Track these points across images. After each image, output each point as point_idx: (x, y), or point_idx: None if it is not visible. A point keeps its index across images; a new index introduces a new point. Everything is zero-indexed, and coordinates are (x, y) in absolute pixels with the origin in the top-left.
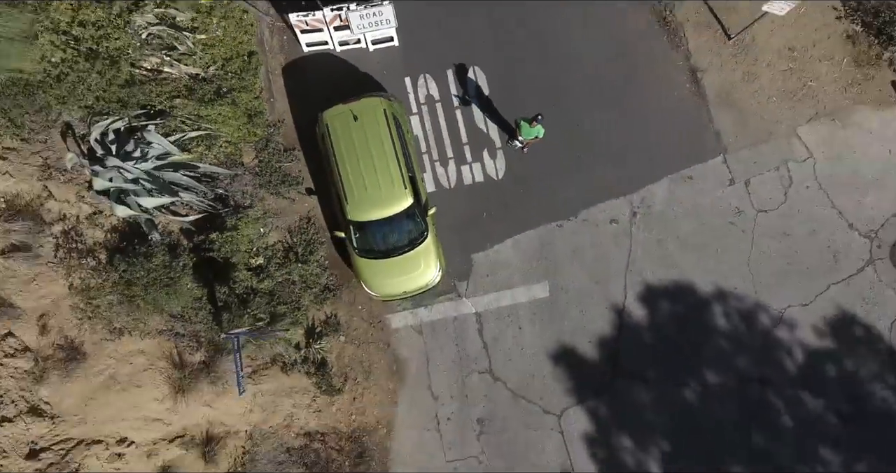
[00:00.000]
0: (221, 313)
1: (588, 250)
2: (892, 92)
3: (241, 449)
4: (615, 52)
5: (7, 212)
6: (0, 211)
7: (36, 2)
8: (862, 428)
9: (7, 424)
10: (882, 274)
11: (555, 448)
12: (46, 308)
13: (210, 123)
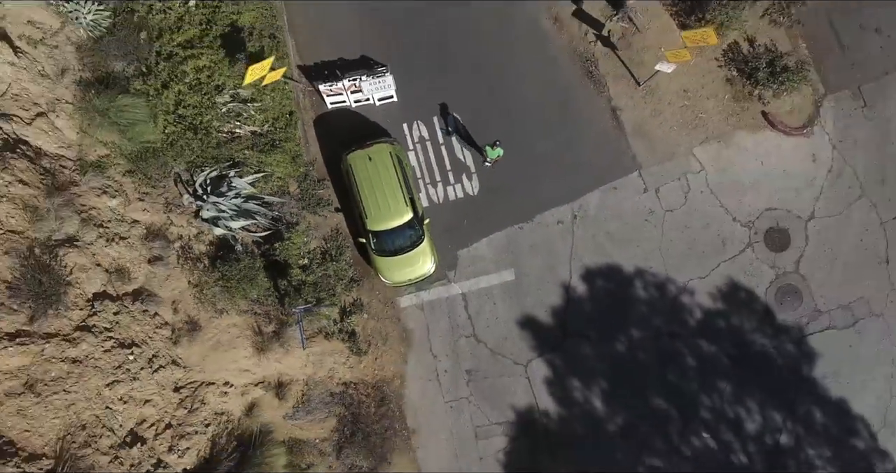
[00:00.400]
0: (283, 298)
1: (542, 245)
2: (762, 120)
3: (300, 392)
4: (556, 98)
5: (149, 236)
6: (144, 235)
7: (153, 93)
8: (745, 367)
9: (161, 370)
10: (758, 254)
11: (523, 390)
12: (176, 297)
13: (268, 166)
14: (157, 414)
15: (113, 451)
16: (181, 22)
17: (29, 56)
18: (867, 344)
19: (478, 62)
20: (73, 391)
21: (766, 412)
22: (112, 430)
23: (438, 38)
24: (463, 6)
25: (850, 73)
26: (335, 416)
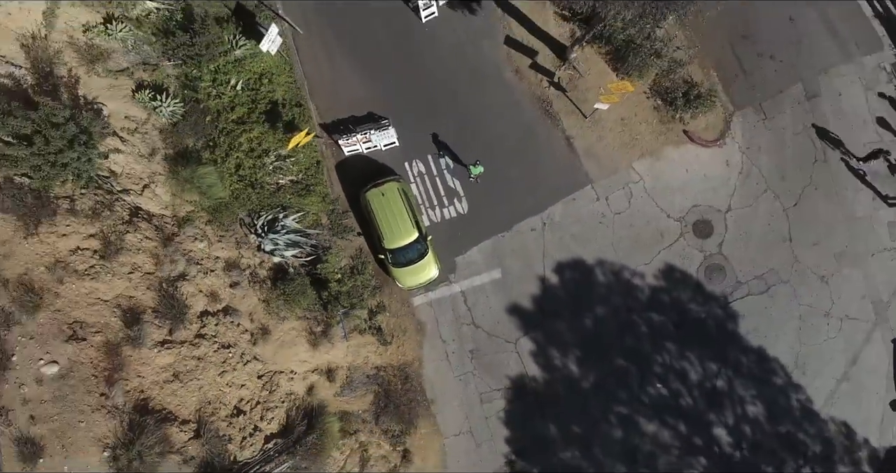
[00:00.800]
0: (326, 305)
1: (520, 248)
2: (684, 136)
3: (345, 375)
4: (522, 132)
5: (227, 267)
6: (224, 266)
7: (219, 161)
8: (686, 330)
9: (248, 363)
10: (689, 241)
11: (514, 362)
12: (251, 310)
13: (305, 206)
14: (250, 394)
15: (227, 420)
16: (233, 103)
17: (129, 143)
18: (778, 306)
19: (459, 109)
20: (200, 378)
21: (704, 363)
22: (225, 405)
23: (426, 94)
24: (444, 68)
25: (752, 93)
26: (372, 392)
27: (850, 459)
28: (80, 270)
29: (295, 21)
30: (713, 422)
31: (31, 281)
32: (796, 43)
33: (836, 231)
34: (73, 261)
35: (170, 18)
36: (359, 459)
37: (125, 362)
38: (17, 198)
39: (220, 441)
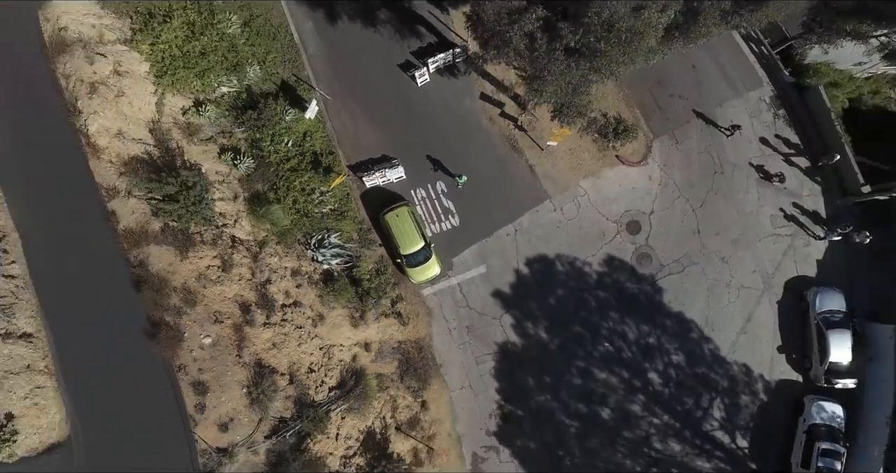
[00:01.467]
0: (361, 298)
1: (499, 249)
2: (616, 160)
3: (377, 347)
4: (497, 163)
5: (293, 274)
6: (291, 273)
7: (281, 199)
8: (624, 303)
9: (313, 340)
10: (623, 237)
11: (500, 333)
12: (311, 303)
13: (342, 227)
14: (316, 360)
15: (305, 375)
16: (287, 156)
17: (221, 191)
18: (691, 281)
19: (449, 148)
20: (287, 347)
21: (639, 326)
22: (303, 365)
23: (424, 138)
24: (436, 119)
25: (666, 124)
26: (396, 359)
27: (749, 390)
28: (212, 279)
29: (324, 91)
30: (647, 369)
31: (188, 287)
32: (697, 84)
33: (732, 223)
34: (208, 274)
35: (237, 97)
36: (391, 407)
37: (246, 336)
38: (173, 236)
39: (303, 387)
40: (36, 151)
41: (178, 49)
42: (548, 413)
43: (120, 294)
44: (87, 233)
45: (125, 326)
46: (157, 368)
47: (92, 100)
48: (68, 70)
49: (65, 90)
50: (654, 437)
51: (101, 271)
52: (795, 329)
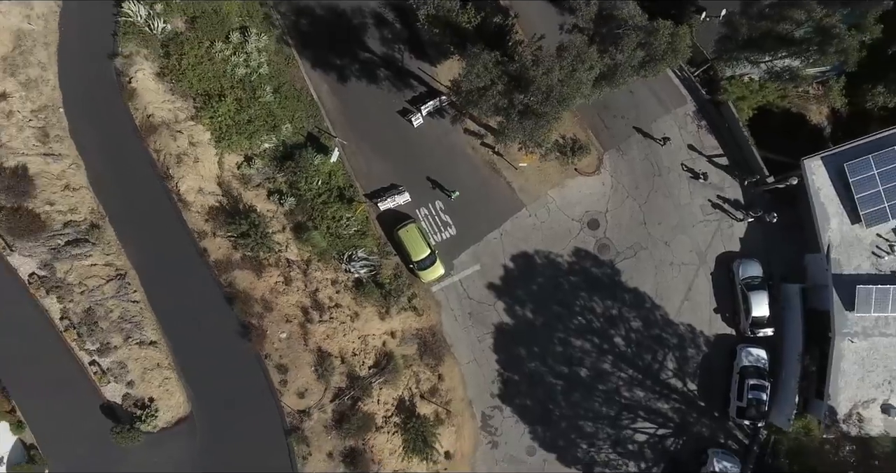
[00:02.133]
0: (386, 297)
1: (489, 250)
2: (575, 172)
3: (400, 335)
4: (480, 183)
5: (332, 283)
6: (331, 282)
7: (318, 226)
8: (591, 283)
9: (352, 332)
10: (586, 232)
11: (495, 316)
12: (349, 304)
13: (365, 244)
14: (357, 346)
15: (350, 357)
16: (319, 192)
17: (272, 224)
18: (642, 262)
19: (443, 174)
20: (336, 337)
21: (604, 302)
22: (349, 351)
23: (422, 167)
24: (430, 152)
25: (613, 140)
26: (416, 343)
27: (694, 344)
28: (280, 291)
29: (342, 137)
30: (613, 334)
31: (265, 298)
32: (636, 106)
33: (670, 214)
34: (276, 287)
35: (276, 150)
36: (415, 380)
37: (308, 331)
38: (249, 262)
39: (351, 366)
40: (141, 208)
41: (231, 119)
42: (538, 375)
43: (217, 307)
44: (187, 266)
45: (224, 330)
46: (250, 357)
47: (179, 168)
48: (158, 146)
49: (157, 161)
50: (622, 388)
51: (202, 292)
52: (726, 293)
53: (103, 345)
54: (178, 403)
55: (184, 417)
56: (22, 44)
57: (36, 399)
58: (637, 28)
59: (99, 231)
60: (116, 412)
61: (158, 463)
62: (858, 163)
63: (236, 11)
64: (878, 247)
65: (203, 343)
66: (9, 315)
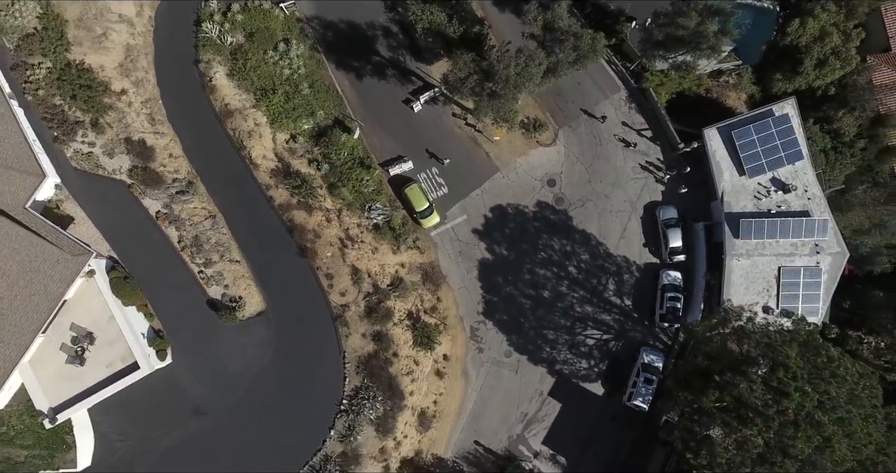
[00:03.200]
0: (396, 238)
1: (473, 204)
2: (536, 144)
3: (408, 266)
4: (465, 153)
5: (358, 226)
6: (357, 225)
7: (346, 187)
8: (550, 228)
9: (375, 261)
10: (546, 189)
11: (479, 253)
12: (369, 241)
13: (380, 199)
14: (379, 270)
15: (375, 277)
16: (345, 160)
17: (311, 180)
18: (588, 210)
19: (437, 147)
20: (363, 260)
21: (560, 241)
22: (373, 271)
23: (422, 142)
24: (427, 131)
25: (565, 119)
26: (420, 273)
27: (628, 271)
28: (324, 226)
29: (360, 120)
30: (568, 265)
31: (315, 230)
32: (582, 93)
33: (609, 174)
34: (322, 223)
35: (313, 130)
36: (420, 300)
37: (346, 253)
38: (303, 206)
39: (375, 280)
40: (223, 170)
41: (281, 107)
42: (512, 297)
43: (281, 236)
44: (258, 208)
45: (286, 251)
46: (306, 269)
47: (250, 140)
48: (234, 126)
49: (234, 137)
50: (575, 305)
51: (270, 226)
52: (651, 231)
53: (207, 260)
54: (257, 301)
55: (261, 311)
56: (130, 54)
57: (162, 297)
58: (571, 34)
59: (194, 186)
60: (216, 305)
61: (245, 343)
62: (743, 131)
63: (280, 27)
64: (758, 193)
65: (272, 260)
66: (144, 239)
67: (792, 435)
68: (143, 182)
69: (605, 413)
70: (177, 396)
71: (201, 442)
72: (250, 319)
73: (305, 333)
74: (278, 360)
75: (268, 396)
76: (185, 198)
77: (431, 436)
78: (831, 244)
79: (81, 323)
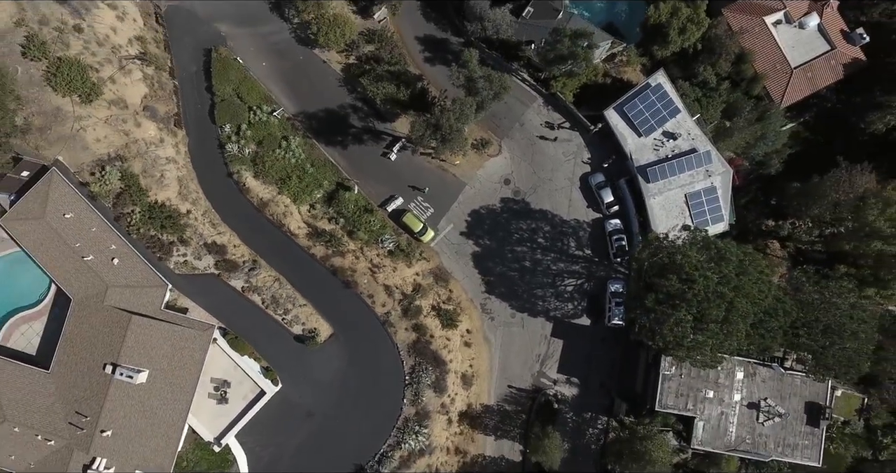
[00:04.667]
0: (406, 256)
1: (455, 215)
2: (487, 156)
3: (422, 274)
4: (438, 179)
5: (379, 255)
6: (380, 255)
7: (359, 229)
8: (515, 215)
9: (396, 276)
10: (505, 187)
11: (470, 249)
12: (389, 264)
13: (387, 231)
14: (401, 282)
15: (400, 286)
16: (353, 211)
17: (334, 233)
18: (539, 194)
19: (416, 180)
20: (390, 279)
21: (526, 221)
22: (398, 284)
23: (404, 181)
24: (405, 172)
25: (503, 132)
26: (431, 276)
27: (582, 228)
28: (356, 262)
29: (356, 179)
30: (536, 238)
31: (350, 267)
32: (510, 110)
33: (547, 163)
34: (353, 262)
35: (323, 196)
36: (436, 296)
37: (375, 277)
38: (336, 253)
39: (403, 289)
40: (270, 243)
41: (297, 187)
42: (503, 273)
43: (328, 278)
44: (304, 263)
45: (335, 288)
46: (352, 296)
47: (285, 219)
48: (270, 211)
49: (273, 220)
50: (551, 265)
51: (318, 274)
52: (589, 195)
53: (284, 310)
54: (327, 328)
55: (331, 334)
56: (182, 184)
57: (263, 343)
58: (485, 78)
59: (258, 262)
60: (301, 338)
61: (327, 359)
62: (631, 105)
63: (278, 129)
64: (655, 146)
65: (328, 297)
66: (239, 307)
67: (706, 308)
68: (225, 269)
69: (596, 337)
70: (291, 408)
71: (318, 435)
72: (326, 342)
73: (366, 340)
74: (353, 364)
75: (353, 390)
76: (255, 272)
77: (475, 391)
78: (717, 167)
79: (217, 375)
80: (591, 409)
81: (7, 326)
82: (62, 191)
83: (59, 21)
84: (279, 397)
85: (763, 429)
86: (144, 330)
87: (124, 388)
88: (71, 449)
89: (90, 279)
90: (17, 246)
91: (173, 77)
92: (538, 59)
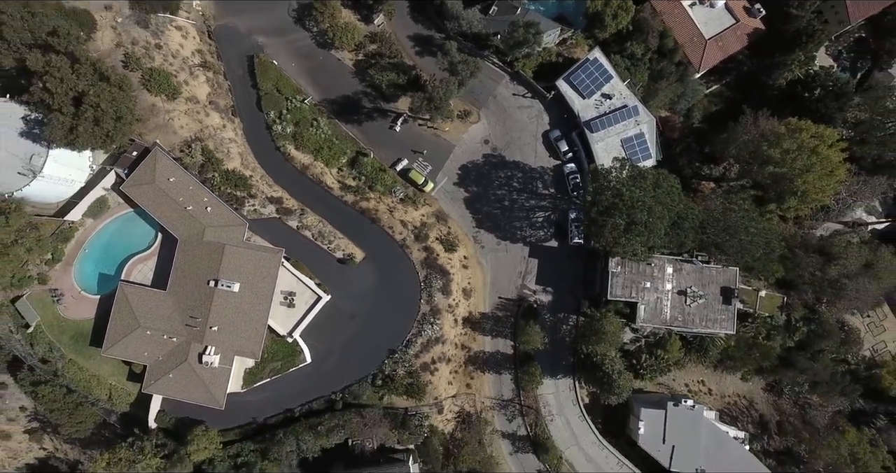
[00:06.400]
0: (413, 202)
1: (449, 169)
2: (470, 123)
3: (427, 215)
4: (433, 144)
5: (394, 200)
6: (396, 201)
7: (378, 183)
8: (494, 165)
9: (409, 215)
10: (484, 145)
11: (463, 194)
12: (400, 206)
13: (398, 183)
14: (411, 220)
15: (411, 222)
16: (372, 172)
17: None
18: (512, 148)
19: (417, 145)
20: (404, 217)
21: (503, 170)
22: (408, 220)
23: (407, 146)
24: (407, 139)
25: (481, 103)
26: (434, 217)
27: (547, 173)
28: (378, 205)
29: (370, 147)
30: (512, 181)
31: (374, 208)
32: (485, 86)
33: (517, 125)
34: (376, 205)
35: (348, 162)
36: (439, 230)
37: (393, 215)
38: (363, 199)
39: (412, 226)
40: (311, 194)
41: (328, 155)
42: (489, 212)
43: (358, 218)
44: (341, 209)
45: (364, 224)
46: (377, 229)
47: (322, 178)
48: (311, 173)
49: (313, 179)
50: (524, 202)
51: (350, 215)
52: (551, 147)
53: (329, 241)
54: (360, 253)
55: (364, 257)
56: (242, 156)
57: (316, 265)
58: (463, 63)
59: (305, 210)
60: (342, 260)
61: (362, 274)
62: (575, 75)
63: (309, 113)
64: (596, 105)
65: (359, 230)
66: (295, 241)
67: (633, 213)
68: (283, 214)
69: (562, 254)
70: (338, 313)
71: (360, 332)
72: (360, 262)
73: (390, 260)
74: (383, 278)
75: (384, 296)
76: (304, 216)
77: (473, 302)
78: (644, 118)
79: (285, 288)
80: (563, 310)
81: (128, 266)
82: (165, 163)
83: (145, 41)
84: (329, 305)
85: (690, 309)
86: (234, 254)
87: (224, 296)
88: (189, 343)
89: (192, 223)
90: (129, 207)
91: (227, 79)
92: (503, 46)
